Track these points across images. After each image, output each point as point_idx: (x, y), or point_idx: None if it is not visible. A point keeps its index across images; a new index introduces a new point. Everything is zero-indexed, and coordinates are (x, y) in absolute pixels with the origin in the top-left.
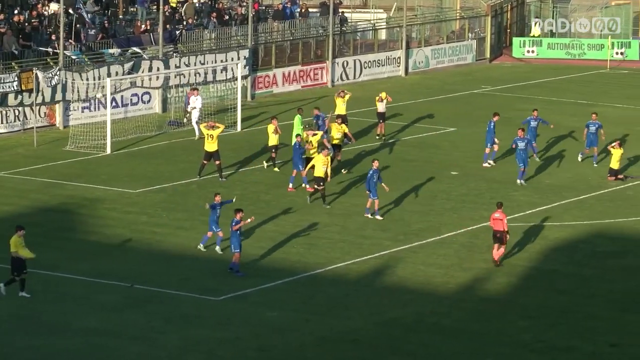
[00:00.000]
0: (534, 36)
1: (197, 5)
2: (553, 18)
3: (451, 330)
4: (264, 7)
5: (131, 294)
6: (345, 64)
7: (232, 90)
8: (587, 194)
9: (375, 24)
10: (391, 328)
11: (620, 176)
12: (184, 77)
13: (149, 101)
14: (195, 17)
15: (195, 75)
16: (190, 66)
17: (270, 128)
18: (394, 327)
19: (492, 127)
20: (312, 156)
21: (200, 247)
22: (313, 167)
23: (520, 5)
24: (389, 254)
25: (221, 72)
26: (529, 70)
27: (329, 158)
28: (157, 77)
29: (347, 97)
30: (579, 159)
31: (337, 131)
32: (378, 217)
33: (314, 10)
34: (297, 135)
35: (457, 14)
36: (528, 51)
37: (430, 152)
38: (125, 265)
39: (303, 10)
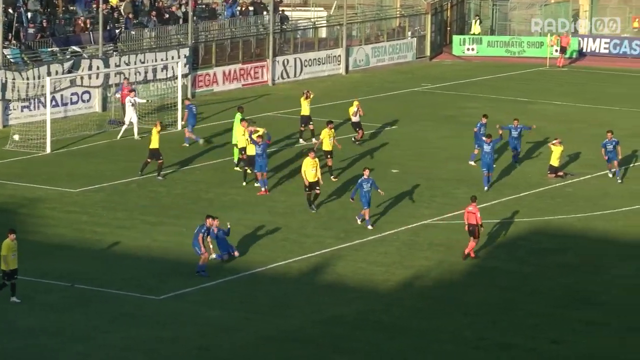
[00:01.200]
0: (474, 34)
1: (136, 3)
2: (492, 16)
3: (393, 327)
4: (203, 6)
5: (72, 293)
6: (285, 62)
7: (173, 89)
8: (527, 192)
9: (316, 22)
10: (333, 326)
11: (560, 173)
12: (124, 75)
13: (89, 100)
14: (135, 16)
15: (135, 74)
16: (130, 65)
17: (240, 130)
18: (336, 325)
19: (480, 128)
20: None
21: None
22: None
23: (460, 4)
24: (330, 252)
25: (161, 70)
26: (469, 68)
27: (317, 160)
28: (97, 76)
29: (311, 97)
30: (610, 175)
31: (329, 136)
32: (369, 226)
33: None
34: (258, 136)
35: (397, 12)
36: (468, 49)
37: (370, 150)
38: (66, 264)
39: (243, 8)
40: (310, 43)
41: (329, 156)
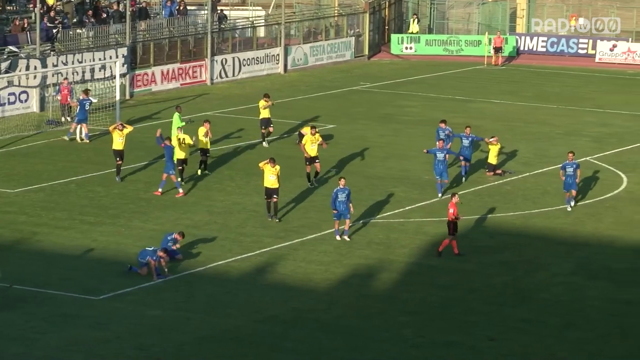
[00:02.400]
0: (412, 33)
1: (74, 3)
2: (430, 15)
3: (331, 326)
4: (141, 5)
5: (10, 294)
6: (224, 62)
7: (111, 89)
8: (466, 189)
9: (254, 22)
10: (272, 325)
11: (498, 171)
12: (62, 75)
13: (26, 100)
14: (73, 16)
15: (73, 73)
16: (68, 65)
17: (202, 131)
18: (275, 324)
19: (438, 133)
20: (182, 157)
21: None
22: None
23: (398, 2)
24: (269, 251)
25: (99, 70)
26: (408, 66)
27: (278, 168)
28: (35, 76)
29: (270, 103)
30: (568, 209)
31: (312, 142)
32: (346, 237)
33: (192, 7)
34: (167, 138)
35: (335, 11)
36: (406, 48)
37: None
38: (4, 265)
39: (181, 7)
40: (249, 42)
41: (315, 162)
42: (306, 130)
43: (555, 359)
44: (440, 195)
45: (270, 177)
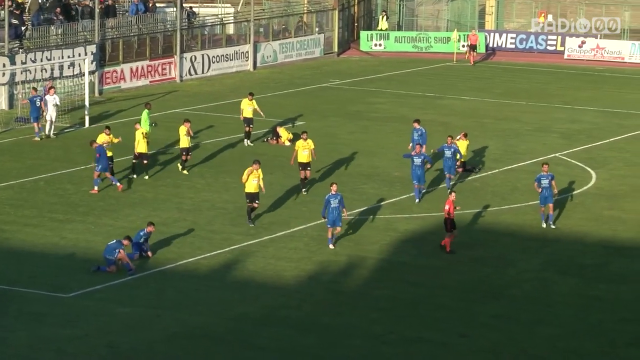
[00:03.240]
0: (381, 30)
1: (42, 0)
2: (400, 12)
3: (302, 323)
4: (108, 3)
5: None
6: (193, 59)
7: (80, 86)
8: (435, 186)
9: (223, 19)
10: (242, 323)
11: (468, 167)
12: (30, 73)
13: None
14: (42, 13)
15: (42, 71)
16: (36, 62)
17: (182, 130)
18: (245, 321)
19: (413, 134)
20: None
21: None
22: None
23: (367, 0)
24: (239, 248)
25: (68, 67)
26: (377, 63)
27: (261, 171)
28: (3, 74)
29: (253, 101)
30: (543, 225)
31: (304, 148)
32: (331, 246)
33: (161, 5)
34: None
35: (305, 8)
36: (375, 45)
37: (279, 146)
38: None
39: (150, 5)
40: (218, 39)
41: (307, 168)
42: (282, 130)
43: (525, 355)
44: (417, 200)
45: (253, 180)
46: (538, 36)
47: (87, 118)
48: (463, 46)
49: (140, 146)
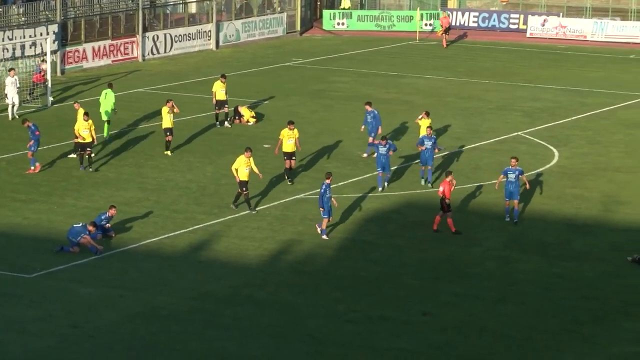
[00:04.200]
0: (344, 8)
1: None
2: None
3: (265, 302)
4: None
5: None
6: (155, 38)
7: None
8: (398, 165)
9: None
10: (205, 302)
11: None
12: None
13: None
14: None
15: (3, 50)
16: None
17: (164, 110)
18: (208, 301)
19: (366, 117)
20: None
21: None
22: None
23: None
24: (202, 227)
25: (30, 47)
26: (340, 42)
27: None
28: None
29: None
30: (507, 219)
31: (289, 137)
32: (324, 237)
33: None
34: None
35: None
36: (338, 23)
37: (242, 125)
38: None
39: None
40: (180, 19)
41: (292, 158)
42: (244, 110)
43: (488, 332)
44: (380, 189)
45: (246, 169)
46: (500, 15)
47: (49, 98)
48: (426, 25)
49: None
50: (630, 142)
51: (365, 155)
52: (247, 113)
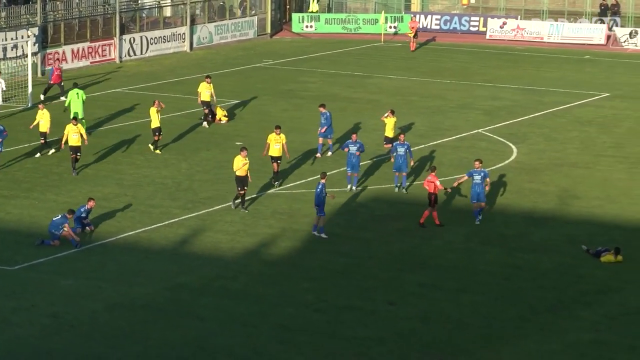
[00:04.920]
0: (312, 12)
1: None
2: None
3: (238, 293)
4: None
5: None
6: (132, 41)
7: (23, 67)
8: (365, 161)
9: (160, 2)
10: (180, 293)
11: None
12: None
13: None
14: None
15: None
16: None
17: (152, 111)
18: (183, 291)
19: (321, 118)
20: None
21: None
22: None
23: None
24: (178, 222)
25: (12, 49)
26: (308, 44)
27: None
28: None
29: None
30: (477, 222)
31: (276, 142)
32: (323, 235)
33: None
34: None
35: None
36: (307, 26)
37: (215, 124)
38: None
39: None
40: (156, 22)
41: (277, 161)
42: (217, 109)
43: (450, 321)
44: (350, 187)
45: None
46: (461, 17)
47: (29, 98)
48: (390, 27)
49: (43, 126)
50: (584, 139)
51: (318, 155)
52: (219, 112)
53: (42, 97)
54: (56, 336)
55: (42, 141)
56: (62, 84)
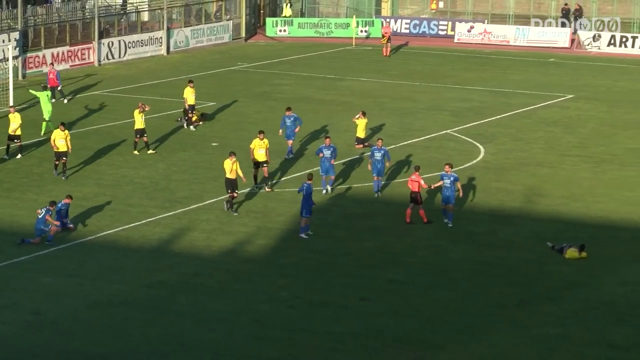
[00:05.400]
0: (285, 16)
1: None
2: (302, 0)
3: (215, 290)
4: None
5: None
6: (110, 44)
7: (4, 70)
8: (337, 161)
9: (138, 7)
10: (158, 290)
11: (366, 144)
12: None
13: None
14: None
15: None
16: None
17: (136, 113)
18: (162, 289)
19: (284, 121)
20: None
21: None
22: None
23: None
24: (155, 220)
25: None
26: (282, 48)
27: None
28: None
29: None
30: (446, 223)
31: (260, 147)
32: (303, 235)
33: None
34: None
35: None
36: (280, 30)
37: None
38: None
39: None
40: (134, 26)
41: (263, 166)
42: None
43: (421, 316)
44: (324, 191)
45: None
46: (430, 22)
47: (11, 100)
48: (361, 31)
49: (12, 128)
50: (549, 139)
51: (286, 157)
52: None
53: (65, 101)
54: (38, 333)
55: (18, 143)
56: (60, 88)
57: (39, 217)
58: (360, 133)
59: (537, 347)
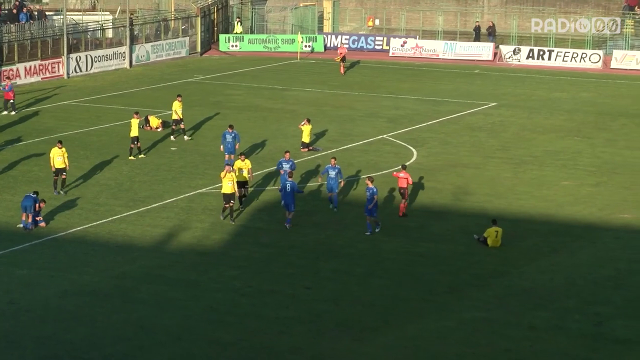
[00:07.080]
0: (237, 33)
1: None
2: (252, 18)
3: (174, 280)
4: (5, 11)
5: None
6: (78, 59)
7: None
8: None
9: (103, 25)
10: (124, 280)
11: (311, 148)
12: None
13: None
14: None
15: None
16: None
17: (134, 122)
18: (126, 279)
19: (224, 137)
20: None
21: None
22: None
23: (225, 7)
24: (120, 218)
25: None
26: (234, 61)
27: (233, 175)
28: None
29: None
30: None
31: (241, 168)
32: (288, 225)
33: (50, 13)
34: None
35: (172, 15)
36: (232, 46)
37: (151, 131)
38: None
39: (36, 13)
40: (99, 42)
41: (245, 186)
42: (152, 118)
43: (360, 302)
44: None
45: (228, 183)
46: (367, 37)
47: None
48: (305, 46)
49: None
50: (475, 143)
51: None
52: (155, 121)
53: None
54: (13, 320)
55: None
56: (12, 101)
57: (29, 196)
58: (306, 138)
59: (464, 329)
